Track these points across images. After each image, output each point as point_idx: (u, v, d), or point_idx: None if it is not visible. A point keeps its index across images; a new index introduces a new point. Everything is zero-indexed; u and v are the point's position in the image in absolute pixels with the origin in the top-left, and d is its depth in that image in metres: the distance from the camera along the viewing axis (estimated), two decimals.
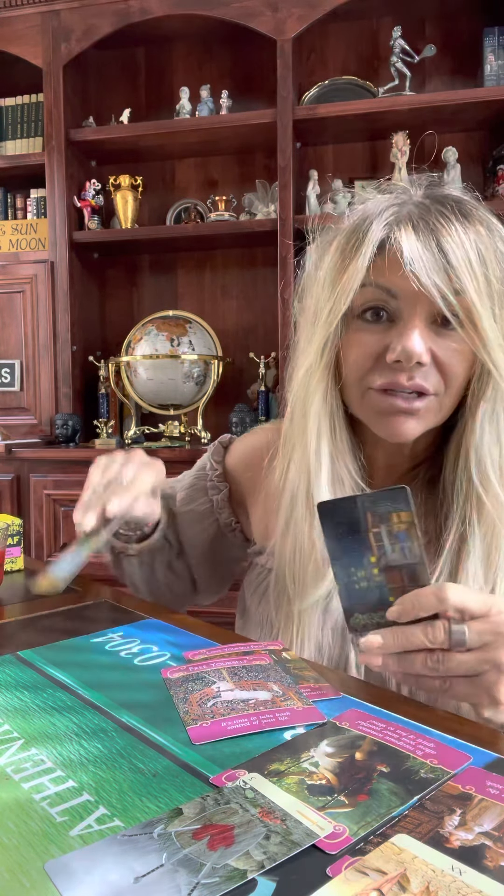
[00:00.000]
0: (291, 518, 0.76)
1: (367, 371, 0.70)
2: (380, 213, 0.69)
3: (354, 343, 0.71)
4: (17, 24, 2.54)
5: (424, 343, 0.67)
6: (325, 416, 0.74)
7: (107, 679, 0.61)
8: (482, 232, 0.68)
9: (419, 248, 0.65)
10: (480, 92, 2.28)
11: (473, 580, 0.70)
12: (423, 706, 0.56)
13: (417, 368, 0.67)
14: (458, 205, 0.69)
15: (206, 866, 0.36)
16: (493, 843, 0.38)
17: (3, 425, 2.56)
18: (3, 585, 0.93)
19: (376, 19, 2.55)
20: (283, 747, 0.48)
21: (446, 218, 0.67)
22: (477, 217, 0.69)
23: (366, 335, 0.70)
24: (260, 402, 2.56)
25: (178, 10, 2.42)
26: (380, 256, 0.68)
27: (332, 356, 0.73)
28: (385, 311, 0.69)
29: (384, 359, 0.68)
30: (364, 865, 0.36)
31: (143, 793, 0.43)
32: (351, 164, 2.62)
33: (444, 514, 0.73)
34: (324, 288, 0.72)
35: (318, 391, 0.73)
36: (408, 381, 0.68)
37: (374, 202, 0.71)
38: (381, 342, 0.69)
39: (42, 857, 0.37)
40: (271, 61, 2.41)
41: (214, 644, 0.69)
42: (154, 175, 2.78)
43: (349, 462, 0.75)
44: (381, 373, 0.69)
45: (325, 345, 0.72)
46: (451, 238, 0.66)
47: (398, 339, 0.67)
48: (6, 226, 2.67)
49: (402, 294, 0.67)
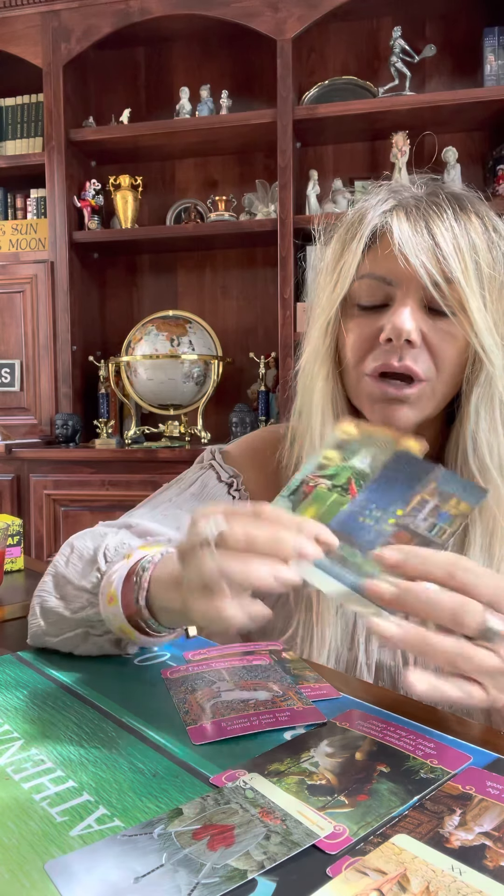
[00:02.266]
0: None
1: (363, 355, 0.72)
2: (377, 203, 0.72)
3: (352, 328, 0.73)
4: (17, 24, 2.54)
5: (415, 323, 0.68)
6: (329, 402, 0.75)
7: (107, 679, 0.61)
8: (475, 222, 0.70)
9: (409, 231, 0.68)
10: (480, 92, 2.28)
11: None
12: (423, 706, 0.56)
13: (408, 348, 0.69)
14: (454, 196, 0.72)
15: (206, 866, 0.36)
16: (493, 843, 0.38)
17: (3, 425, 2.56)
18: (3, 585, 0.93)
19: (376, 19, 2.55)
20: (283, 747, 0.48)
21: (440, 207, 0.69)
22: (473, 209, 0.71)
23: (362, 320, 0.72)
24: (260, 402, 2.56)
25: (178, 10, 2.42)
26: (376, 245, 0.71)
27: (332, 342, 0.75)
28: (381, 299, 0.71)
29: (378, 341, 0.70)
30: (364, 865, 0.36)
31: (143, 793, 0.43)
32: (351, 164, 2.62)
33: None
34: (325, 275, 0.75)
35: (320, 375, 0.75)
36: (398, 363, 0.69)
37: (373, 196, 0.74)
38: (376, 325, 0.71)
39: (42, 857, 0.37)
40: (271, 61, 2.42)
41: (214, 644, 0.69)
42: (154, 175, 2.78)
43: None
44: (375, 356, 0.71)
45: (327, 329, 0.74)
46: (441, 223, 0.68)
47: (389, 319, 0.69)
48: (6, 226, 2.67)
49: (395, 279, 0.69)
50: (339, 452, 0.59)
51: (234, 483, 0.83)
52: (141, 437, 2.60)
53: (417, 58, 2.39)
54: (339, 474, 0.57)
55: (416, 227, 0.68)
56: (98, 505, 2.32)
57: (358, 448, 0.58)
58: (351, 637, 0.76)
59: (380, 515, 0.54)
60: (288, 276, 2.38)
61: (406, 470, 0.56)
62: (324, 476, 0.58)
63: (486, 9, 2.41)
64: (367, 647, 0.75)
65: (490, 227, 0.71)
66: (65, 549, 0.70)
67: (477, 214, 0.71)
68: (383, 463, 0.56)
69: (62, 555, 0.69)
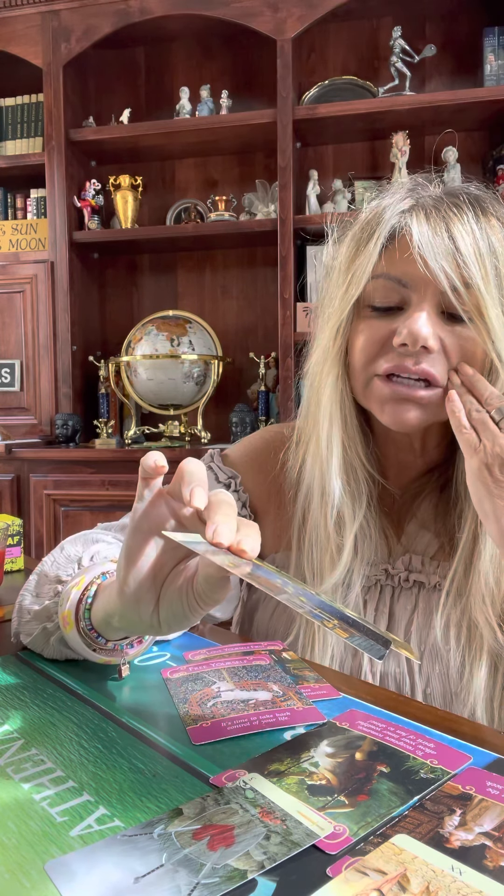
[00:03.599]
0: (309, 510, 0.76)
1: (373, 357, 0.70)
2: (394, 203, 0.70)
3: (363, 329, 0.71)
4: (17, 24, 2.54)
5: (433, 329, 0.66)
6: (337, 404, 0.74)
7: (107, 679, 0.61)
8: (496, 225, 0.68)
9: (428, 234, 0.65)
10: (480, 92, 2.28)
11: (485, 581, 0.70)
12: (423, 706, 0.56)
13: (424, 354, 0.67)
14: (474, 198, 0.69)
15: (206, 866, 0.36)
16: (493, 843, 0.38)
17: (3, 425, 2.56)
18: (3, 585, 0.93)
19: (376, 19, 2.55)
20: (283, 747, 0.48)
21: (459, 208, 0.67)
22: (492, 212, 0.69)
23: (375, 321, 0.70)
24: (260, 402, 2.56)
25: (178, 10, 2.42)
26: (393, 246, 0.68)
27: (343, 343, 0.73)
28: (396, 301, 0.70)
29: (391, 344, 0.68)
30: (364, 865, 0.36)
31: (143, 793, 0.43)
32: (351, 164, 2.62)
33: (458, 513, 0.73)
34: (338, 275, 0.73)
35: (329, 377, 0.74)
36: (414, 366, 0.67)
37: (390, 195, 0.72)
38: (389, 328, 0.69)
39: (42, 857, 0.37)
40: (271, 61, 2.42)
41: (214, 644, 0.69)
42: (154, 175, 2.78)
43: (360, 452, 0.75)
44: (387, 358, 0.69)
45: (338, 330, 0.72)
46: (461, 226, 0.66)
47: (405, 323, 0.67)
48: (6, 226, 2.67)
49: (411, 282, 0.67)
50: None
51: (231, 484, 0.83)
52: (141, 437, 2.60)
53: (417, 58, 2.39)
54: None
55: (435, 229, 0.66)
56: (98, 505, 2.32)
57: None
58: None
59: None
60: (288, 276, 2.38)
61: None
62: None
63: (486, 9, 2.41)
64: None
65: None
66: (55, 551, 0.70)
67: (497, 217, 0.68)
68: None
69: (51, 556, 0.70)
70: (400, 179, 0.76)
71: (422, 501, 0.78)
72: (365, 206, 0.74)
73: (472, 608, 0.70)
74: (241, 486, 0.84)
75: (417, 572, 0.75)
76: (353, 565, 0.74)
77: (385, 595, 0.76)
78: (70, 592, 0.60)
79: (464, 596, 0.71)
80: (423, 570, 0.75)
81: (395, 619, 0.75)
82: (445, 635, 0.71)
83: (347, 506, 0.74)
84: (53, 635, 0.63)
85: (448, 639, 0.71)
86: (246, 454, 0.87)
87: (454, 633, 0.71)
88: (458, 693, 0.70)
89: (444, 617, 0.71)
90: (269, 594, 0.51)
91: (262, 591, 0.46)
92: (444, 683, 0.71)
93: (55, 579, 0.66)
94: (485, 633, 0.69)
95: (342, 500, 0.73)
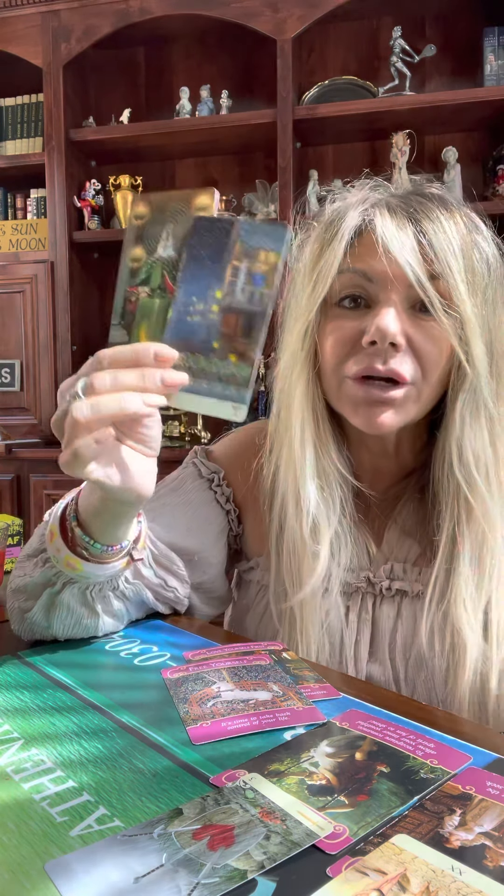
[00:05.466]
0: (284, 517, 0.75)
1: (343, 358, 0.69)
2: (357, 202, 0.70)
3: (332, 330, 0.70)
4: (17, 24, 2.54)
5: (400, 325, 0.66)
6: (308, 407, 0.73)
7: (107, 679, 0.61)
8: (461, 223, 0.68)
9: (394, 230, 0.65)
10: (480, 92, 2.28)
11: (465, 584, 0.69)
12: (423, 706, 0.56)
13: (392, 352, 0.66)
14: (437, 197, 0.69)
15: (206, 866, 0.36)
16: (493, 843, 0.38)
17: (3, 425, 2.56)
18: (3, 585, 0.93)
19: (376, 19, 2.55)
20: (283, 747, 0.48)
21: (424, 205, 0.67)
22: (458, 211, 0.69)
23: (343, 321, 0.70)
24: (259, 402, 2.56)
25: (178, 10, 2.42)
26: (357, 242, 0.68)
27: (311, 345, 0.72)
28: (363, 297, 0.69)
29: (360, 344, 0.68)
30: (364, 865, 0.36)
31: (143, 793, 0.43)
32: (351, 164, 2.62)
33: (437, 514, 0.72)
34: (304, 276, 0.72)
35: (300, 381, 0.73)
36: (383, 366, 0.66)
37: (352, 194, 0.72)
38: (358, 327, 0.68)
39: (42, 857, 0.37)
40: (271, 61, 2.41)
41: (214, 644, 0.69)
42: (154, 175, 2.78)
43: (334, 455, 0.74)
44: (357, 359, 0.68)
45: (306, 333, 0.71)
46: (430, 223, 0.66)
47: (373, 321, 0.66)
48: (6, 226, 2.67)
49: (378, 278, 0.67)
50: (141, 247, 0.57)
51: (214, 479, 0.83)
52: None
53: (417, 58, 2.39)
54: (151, 275, 0.56)
55: (400, 224, 0.65)
56: None
57: (157, 231, 0.56)
58: (339, 651, 0.74)
59: (203, 308, 0.53)
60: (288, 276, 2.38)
61: (209, 240, 0.53)
62: (140, 283, 0.57)
63: (486, 9, 2.41)
64: (356, 662, 0.74)
65: (473, 228, 0.69)
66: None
67: (461, 215, 0.68)
68: (184, 240, 0.54)
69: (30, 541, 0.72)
70: (399, 180, 0.76)
71: (402, 507, 0.77)
72: (328, 208, 0.73)
73: (454, 613, 0.69)
74: (223, 480, 0.84)
75: (400, 580, 0.74)
76: (330, 570, 0.74)
77: (367, 603, 0.75)
78: (54, 510, 0.66)
79: (445, 601, 0.70)
80: (405, 578, 0.74)
81: (379, 628, 0.74)
82: (430, 642, 0.70)
83: (322, 511, 0.73)
84: (57, 593, 0.65)
85: (433, 645, 0.70)
86: (230, 450, 0.87)
87: (438, 639, 0.70)
88: (443, 700, 0.70)
89: (429, 623, 0.70)
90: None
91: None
92: (429, 690, 0.71)
93: (35, 551, 0.69)
94: (467, 637, 0.69)
95: (317, 505, 0.72)
